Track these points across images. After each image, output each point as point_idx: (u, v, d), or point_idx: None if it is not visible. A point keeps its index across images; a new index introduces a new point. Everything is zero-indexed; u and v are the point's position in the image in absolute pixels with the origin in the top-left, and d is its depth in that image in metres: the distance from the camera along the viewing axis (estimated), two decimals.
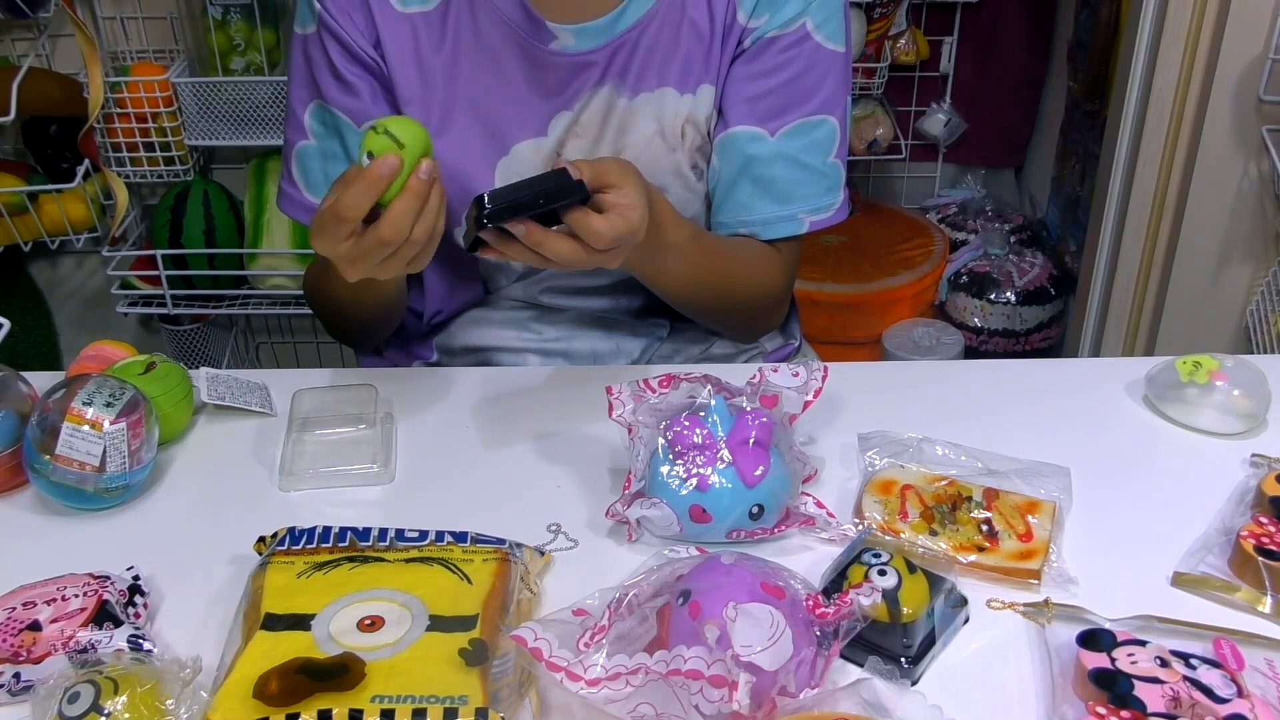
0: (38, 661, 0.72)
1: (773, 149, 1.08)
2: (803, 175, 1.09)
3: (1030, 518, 0.85)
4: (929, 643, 0.75)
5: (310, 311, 1.25)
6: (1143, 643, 0.72)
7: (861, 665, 0.73)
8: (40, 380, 0.97)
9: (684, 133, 1.08)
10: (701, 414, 0.86)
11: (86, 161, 2.06)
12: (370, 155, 0.84)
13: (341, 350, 2.41)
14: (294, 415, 0.99)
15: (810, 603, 0.70)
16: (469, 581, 0.75)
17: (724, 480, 0.83)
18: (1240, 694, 0.68)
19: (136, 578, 0.79)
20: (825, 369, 0.90)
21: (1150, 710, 0.66)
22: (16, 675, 0.72)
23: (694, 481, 0.83)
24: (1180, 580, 0.82)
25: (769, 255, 1.13)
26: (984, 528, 0.84)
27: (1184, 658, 0.70)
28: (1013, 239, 2.61)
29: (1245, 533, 0.82)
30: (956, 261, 2.56)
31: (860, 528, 0.86)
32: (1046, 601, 0.78)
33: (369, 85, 1.07)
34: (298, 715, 0.63)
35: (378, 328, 1.18)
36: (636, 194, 0.89)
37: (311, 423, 0.99)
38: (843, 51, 1.09)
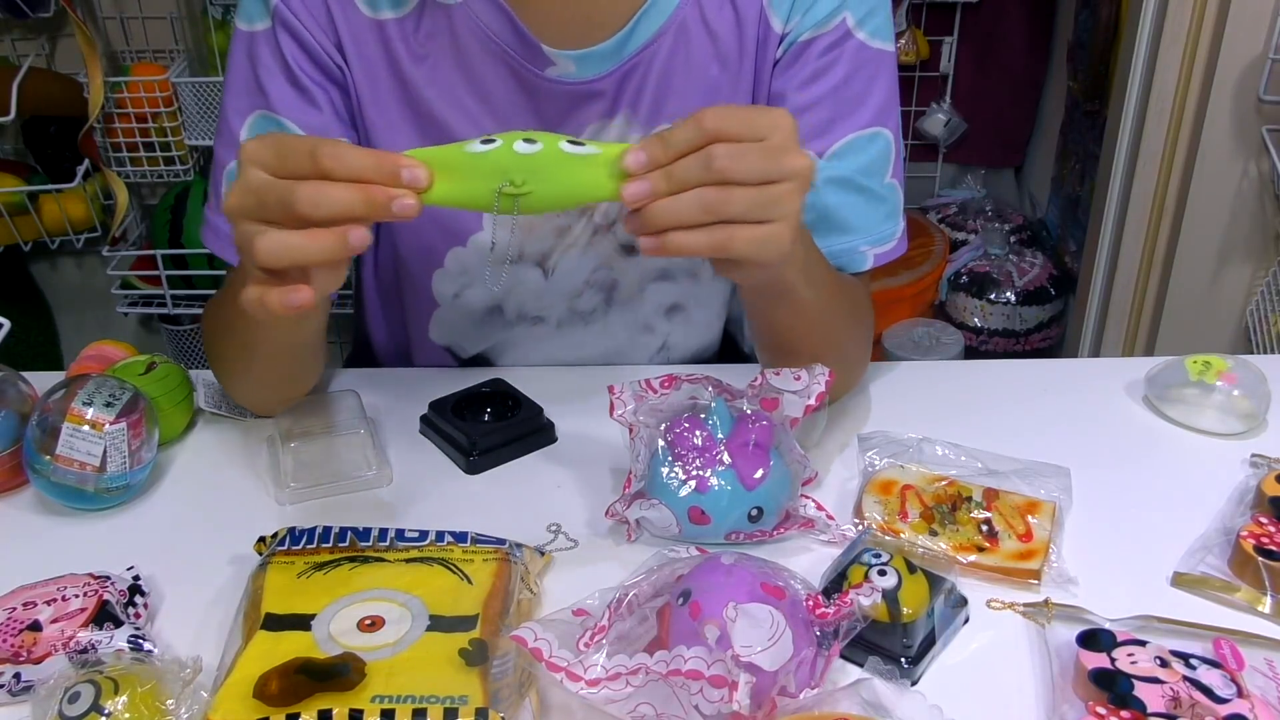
0: (38, 661, 0.72)
1: (823, 172, 0.93)
2: (858, 200, 0.95)
3: (1030, 518, 0.85)
4: (929, 643, 0.75)
5: None
6: (1143, 643, 0.72)
7: (861, 665, 0.73)
8: (40, 380, 0.97)
9: None
10: (702, 415, 0.86)
11: (86, 161, 2.06)
12: None
13: (341, 351, 2.40)
14: (279, 429, 0.96)
15: (810, 603, 0.70)
16: (469, 581, 0.75)
17: (723, 482, 0.83)
18: (1240, 694, 0.67)
19: (136, 578, 0.79)
20: (828, 373, 0.86)
21: (1150, 710, 0.66)
22: (17, 675, 0.71)
23: (693, 483, 0.83)
24: (1180, 580, 0.82)
25: (858, 286, 0.98)
26: (984, 528, 0.84)
27: (1184, 658, 0.70)
28: (1013, 239, 2.61)
29: (1245, 533, 0.82)
30: (956, 261, 2.56)
31: (860, 528, 0.86)
32: (1046, 601, 0.78)
33: (328, 99, 0.93)
34: (298, 715, 0.63)
35: (277, 379, 0.97)
36: None
37: (296, 435, 0.95)
38: (891, 51, 0.95)
